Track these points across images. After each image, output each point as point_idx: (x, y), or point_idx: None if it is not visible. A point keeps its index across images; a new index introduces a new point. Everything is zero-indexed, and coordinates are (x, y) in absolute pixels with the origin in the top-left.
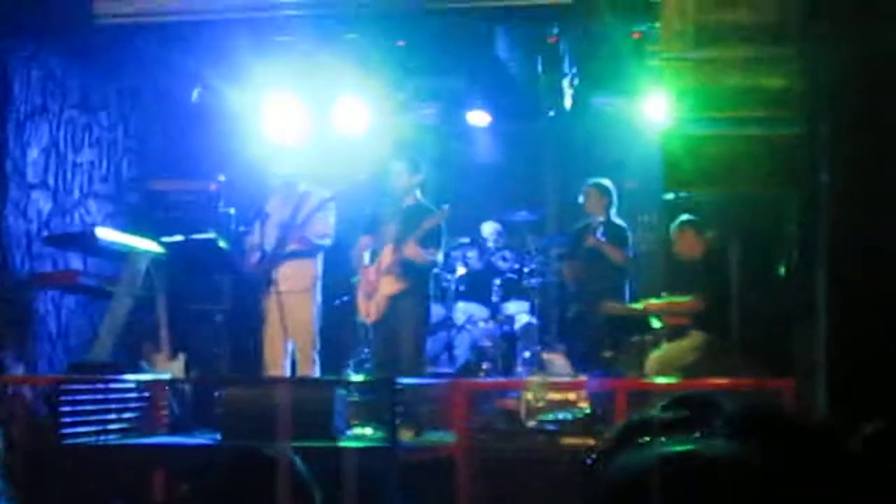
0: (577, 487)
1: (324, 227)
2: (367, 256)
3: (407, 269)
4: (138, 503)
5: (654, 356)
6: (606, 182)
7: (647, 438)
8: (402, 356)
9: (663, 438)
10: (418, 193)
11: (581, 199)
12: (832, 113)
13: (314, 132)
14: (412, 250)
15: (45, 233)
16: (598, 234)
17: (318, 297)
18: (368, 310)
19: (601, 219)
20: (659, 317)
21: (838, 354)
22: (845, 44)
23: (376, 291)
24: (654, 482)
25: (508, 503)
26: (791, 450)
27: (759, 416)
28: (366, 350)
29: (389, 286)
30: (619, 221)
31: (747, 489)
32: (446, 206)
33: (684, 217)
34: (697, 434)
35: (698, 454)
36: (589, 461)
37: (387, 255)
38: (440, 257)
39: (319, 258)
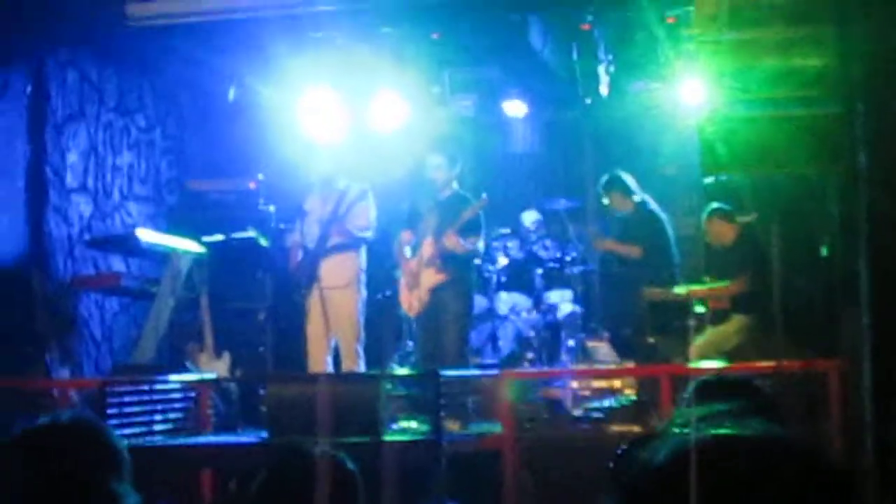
0: (610, 475)
1: (364, 220)
2: (408, 251)
3: (447, 260)
4: (187, 502)
5: (699, 341)
6: (613, 175)
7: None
8: (446, 348)
9: (699, 424)
10: (455, 185)
11: (605, 201)
12: (869, 91)
13: (351, 128)
14: (452, 241)
15: (86, 236)
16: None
17: (363, 292)
18: (411, 303)
19: (629, 211)
20: (702, 301)
21: (883, 334)
22: (881, 21)
23: (418, 284)
24: (688, 465)
25: (556, 492)
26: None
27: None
28: (410, 343)
29: (431, 278)
30: (650, 206)
31: (786, 470)
32: (485, 196)
33: (713, 205)
34: (733, 418)
35: (736, 437)
36: (621, 450)
37: (427, 248)
38: (481, 246)
39: (362, 252)
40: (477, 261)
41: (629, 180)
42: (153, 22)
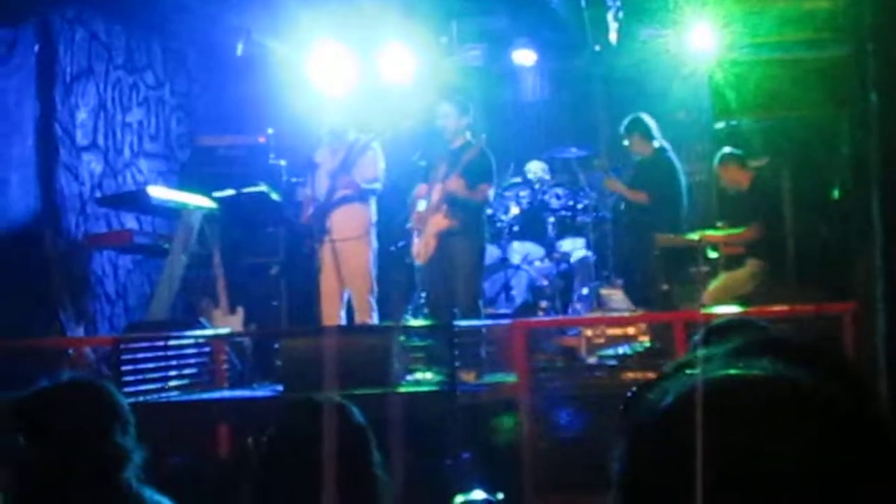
0: (618, 419)
1: (372, 172)
2: (422, 204)
3: (455, 206)
4: (203, 458)
5: (712, 286)
6: (636, 118)
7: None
8: (456, 297)
9: (707, 365)
10: (468, 135)
11: (625, 143)
12: (879, 32)
13: (360, 80)
14: (454, 184)
15: (97, 194)
16: (612, 174)
17: (374, 244)
18: (419, 249)
19: (648, 155)
20: (715, 247)
21: None
22: None
23: (425, 230)
24: (694, 405)
25: (570, 441)
26: (838, 376)
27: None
28: (423, 295)
29: (437, 223)
30: (667, 155)
31: (796, 410)
32: (483, 136)
33: (725, 150)
34: (742, 358)
35: (743, 377)
36: (630, 394)
37: (436, 194)
38: (491, 194)
39: (373, 204)
40: (488, 210)
41: (652, 124)
42: None
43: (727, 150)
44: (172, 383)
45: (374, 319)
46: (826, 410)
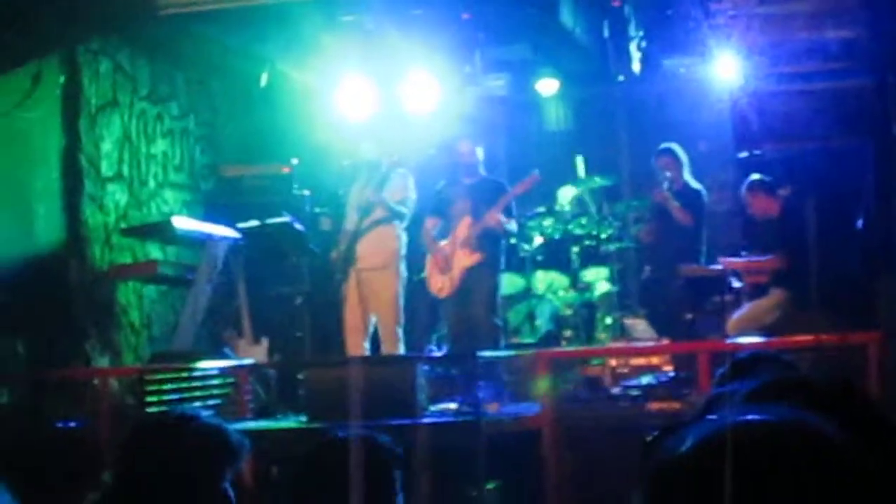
0: (638, 464)
1: (402, 193)
2: (433, 234)
3: (483, 240)
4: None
5: (736, 316)
6: (675, 146)
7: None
8: (479, 327)
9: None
10: (483, 171)
11: (656, 166)
12: None
13: (384, 110)
14: (495, 219)
15: (122, 224)
16: (666, 188)
17: (404, 273)
18: (443, 284)
19: (677, 184)
20: (739, 276)
21: None
22: None
23: (450, 267)
24: (711, 453)
25: (595, 471)
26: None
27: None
28: (445, 326)
29: (466, 259)
30: (695, 185)
31: (823, 461)
32: (536, 171)
33: (754, 177)
34: (761, 400)
35: (762, 424)
36: (649, 438)
37: (462, 229)
38: (514, 227)
39: (402, 233)
40: (512, 240)
41: (685, 158)
42: (183, 9)
43: (756, 176)
44: None
45: (401, 350)
46: (842, 465)
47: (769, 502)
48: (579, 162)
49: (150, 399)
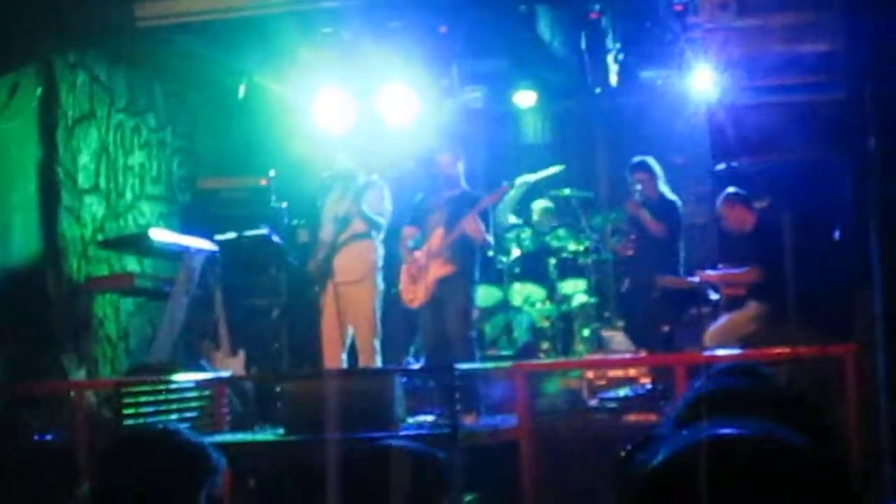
0: (612, 479)
1: (378, 205)
2: (409, 244)
3: (456, 251)
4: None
5: (713, 328)
6: (649, 159)
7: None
8: (453, 337)
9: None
10: (464, 184)
11: (630, 179)
12: (876, 76)
13: (361, 122)
14: (473, 226)
15: (99, 237)
16: (638, 199)
17: (381, 286)
18: (415, 294)
19: (653, 196)
20: (716, 288)
21: None
22: (889, 6)
23: (424, 276)
24: (682, 468)
25: (573, 482)
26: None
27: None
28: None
29: (439, 269)
30: (670, 196)
31: (783, 475)
32: (506, 183)
33: (730, 190)
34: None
35: (732, 438)
36: (623, 453)
37: (436, 240)
38: (491, 240)
39: (379, 246)
40: (489, 252)
41: (659, 171)
42: (161, 21)
43: (732, 189)
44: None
45: (378, 362)
46: (815, 474)
47: None
48: (548, 171)
49: (126, 412)
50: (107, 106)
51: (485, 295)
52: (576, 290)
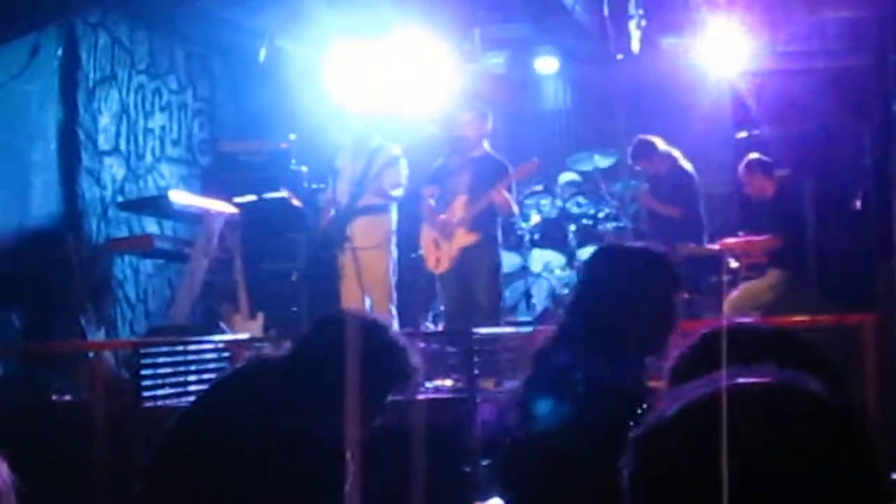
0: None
1: (396, 178)
2: (432, 203)
3: (482, 220)
4: None
5: (733, 296)
6: (642, 139)
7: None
8: (479, 305)
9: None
10: (486, 144)
11: (637, 168)
12: None
13: (381, 87)
14: (501, 196)
15: (119, 198)
16: (646, 187)
17: (394, 252)
18: (439, 259)
19: (662, 171)
20: (736, 256)
21: None
22: None
23: (449, 241)
24: (694, 419)
25: None
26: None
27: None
28: (442, 304)
29: (463, 238)
30: (679, 166)
31: (796, 419)
32: (536, 159)
33: (752, 157)
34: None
35: (746, 387)
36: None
37: (459, 207)
38: (516, 210)
39: (393, 212)
40: (512, 219)
41: (654, 140)
42: None
43: (754, 156)
44: (192, 388)
45: (395, 327)
46: (838, 419)
47: (768, 462)
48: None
49: (144, 372)
50: (128, 68)
51: (504, 261)
52: None
